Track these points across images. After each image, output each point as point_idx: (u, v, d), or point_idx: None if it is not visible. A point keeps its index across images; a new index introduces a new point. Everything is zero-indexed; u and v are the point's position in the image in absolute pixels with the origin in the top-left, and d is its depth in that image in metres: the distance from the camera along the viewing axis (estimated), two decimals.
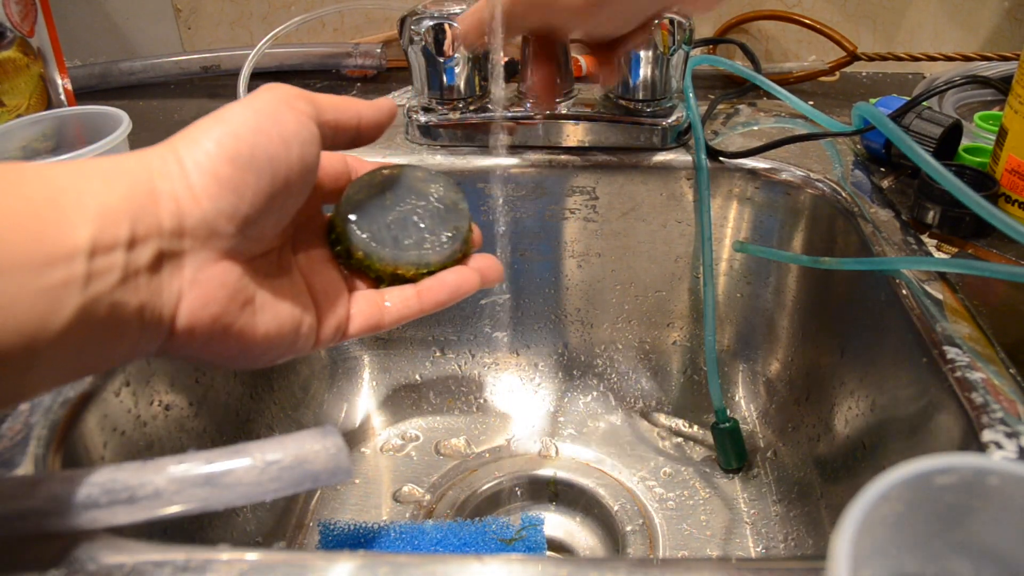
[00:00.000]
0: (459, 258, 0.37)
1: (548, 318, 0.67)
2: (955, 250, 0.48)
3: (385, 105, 0.34)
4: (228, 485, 0.27)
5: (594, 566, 0.28)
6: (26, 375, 0.23)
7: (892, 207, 0.53)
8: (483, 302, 0.65)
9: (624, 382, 0.66)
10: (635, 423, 0.64)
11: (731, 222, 0.62)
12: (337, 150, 0.33)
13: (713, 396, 0.57)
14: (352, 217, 0.35)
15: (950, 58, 0.74)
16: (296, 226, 0.34)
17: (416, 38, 0.59)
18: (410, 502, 0.58)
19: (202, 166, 0.26)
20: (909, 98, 0.57)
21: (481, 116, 0.61)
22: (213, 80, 0.81)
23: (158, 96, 0.79)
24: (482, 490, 0.58)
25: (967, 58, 0.73)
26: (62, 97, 0.65)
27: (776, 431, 0.60)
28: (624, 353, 0.67)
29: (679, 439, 0.62)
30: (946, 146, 0.55)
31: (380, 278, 0.35)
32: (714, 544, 0.54)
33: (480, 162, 0.61)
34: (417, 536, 0.52)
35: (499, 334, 0.67)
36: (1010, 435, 0.33)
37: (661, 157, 0.60)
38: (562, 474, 0.59)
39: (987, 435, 0.33)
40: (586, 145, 0.60)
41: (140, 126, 0.57)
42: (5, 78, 0.60)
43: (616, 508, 0.56)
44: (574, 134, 0.60)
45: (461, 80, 0.62)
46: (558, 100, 0.60)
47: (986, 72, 0.69)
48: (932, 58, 0.75)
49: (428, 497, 0.58)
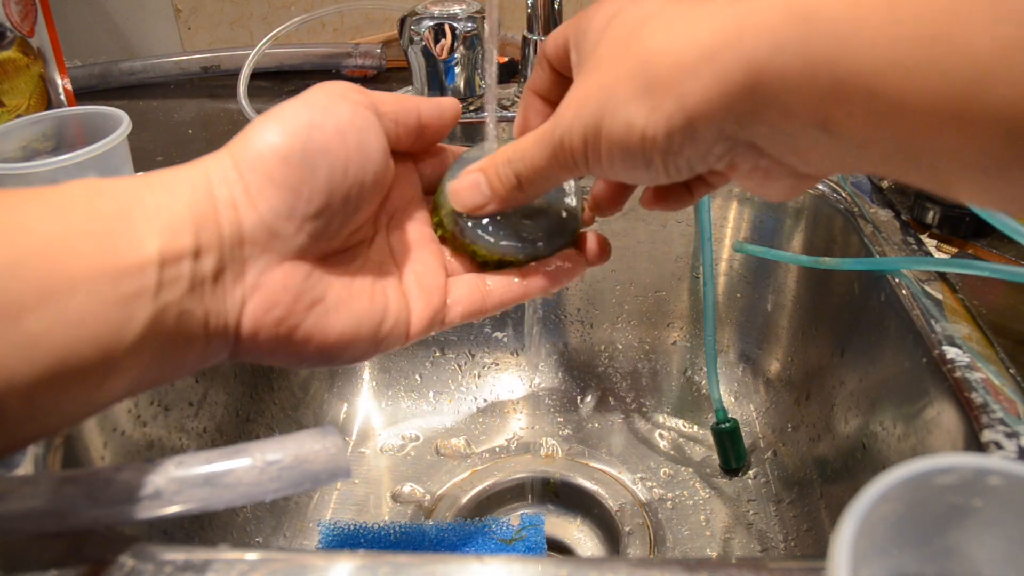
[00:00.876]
0: (568, 241, 0.35)
1: (548, 318, 0.67)
2: (955, 250, 0.48)
3: (446, 103, 0.32)
4: (228, 485, 0.27)
5: (594, 566, 0.28)
6: (102, 386, 0.23)
7: (892, 207, 0.53)
8: None
9: (624, 382, 0.66)
10: (635, 423, 0.64)
11: (731, 222, 0.62)
12: (402, 148, 0.32)
13: (713, 396, 0.57)
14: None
15: None
16: (394, 212, 0.33)
17: (416, 38, 0.59)
18: (410, 502, 0.58)
19: (255, 168, 0.26)
20: None
21: (481, 116, 0.61)
22: (213, 80, 0.81)
23: (158, 96, 0.79)
24: (482, 490, 0.58)
25: None
26: (62, 97, 0.65)
27: (776, 431, 0.60)
28: (624, 353, 0.67)
29: (679, 439, 0.62)
30: None
31: (486, 263, 0.34)
32: (714, 544, 0.54)
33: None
34: (417, 536, 0.52)
35: (499, 334, 0.67)
36: (1010, 435, 0.33)
37: None
38: (562, 474, 0.59)
39: (987, 435, 0.33)
40: None
41: (140, 126, 0.57)
42: (5, 78, 0.60)
43: (616, 508, 0.56)
44: None
45: (461, 80, 0.62)
46: None
47: None
48: None
49: (428, 497, 0.58)
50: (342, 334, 0.28)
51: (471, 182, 0.32)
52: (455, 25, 0.61)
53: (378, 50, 0.79)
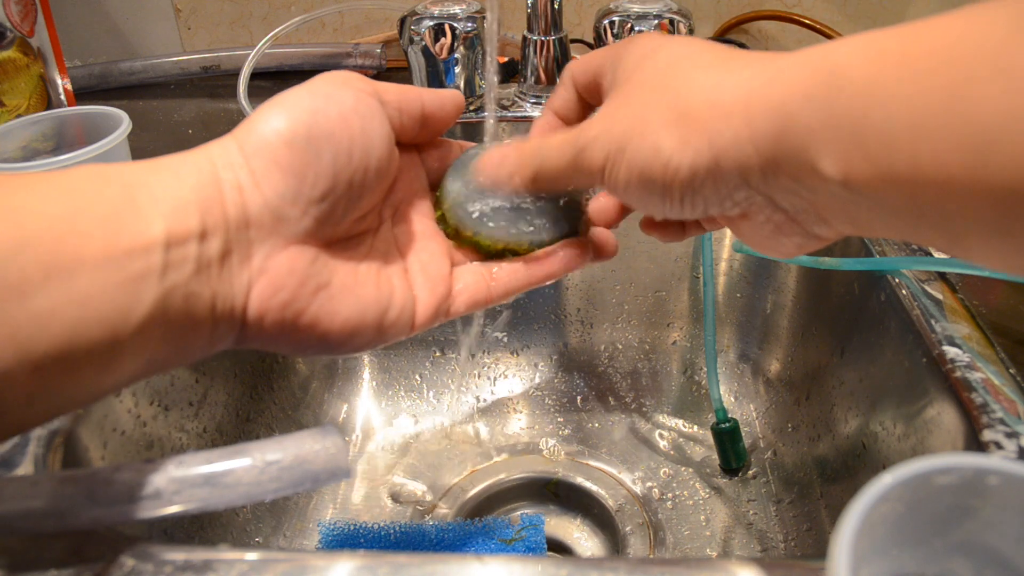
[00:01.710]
0: (572, 230, 0.34)
1: (548, 318, 0.67)
2: None
3: (449, 95, 0.33)
4: (228, 485, 0.27)
5: (594, 566, 0.28)
6: (109, 367, 0.24)
7: None
8: None
9: (624, 382, 0.66)
10: (635, 423, 0.64)
11: None
12: (406, 138, 0.32)
13: (713, 396, 0.57)
14: (459, 193, 0.33)
15: None
16: (399, 204, 0.33)
17: (416, 38, 0.59)
18: (410, 502, 0.58)
19: (260, 152, 0.27)
20: None
21: (481, 116, 0.61)
22: (213, 80, 0.81)
23: (158, 96, 0.79)
24: (482, 490, 0.58)
25: None
26: (62, 97, 0.65)
27: (776, 431, 0.60)
28: (624, 353, 0.67)
29: (679, 439, 0.62)
30: None
31: (490, 254, 0.34)
32: (714, 544, 0.54)
33: None
34: (417, 536, 0.52)
35: (499, 334, 0.67)
36: (1010, 435, 0.33)
37: None
38: (562, 474, 0.59)
39: (987, 435, 0.33)
40: None
41: (140, 126, 0.57)
42: (5, 78, 0.60)
43: (616, 508, 0.56)
44: None
45: (461, 80, 0.62)
46: None
47: None
48: None
49: (428, 497, 0.58)
50: (347, 320, 0.28)
51: (499, 157, 0.32)
52: (455, 25, 0.61)
53: (378, 50, 0.79)
